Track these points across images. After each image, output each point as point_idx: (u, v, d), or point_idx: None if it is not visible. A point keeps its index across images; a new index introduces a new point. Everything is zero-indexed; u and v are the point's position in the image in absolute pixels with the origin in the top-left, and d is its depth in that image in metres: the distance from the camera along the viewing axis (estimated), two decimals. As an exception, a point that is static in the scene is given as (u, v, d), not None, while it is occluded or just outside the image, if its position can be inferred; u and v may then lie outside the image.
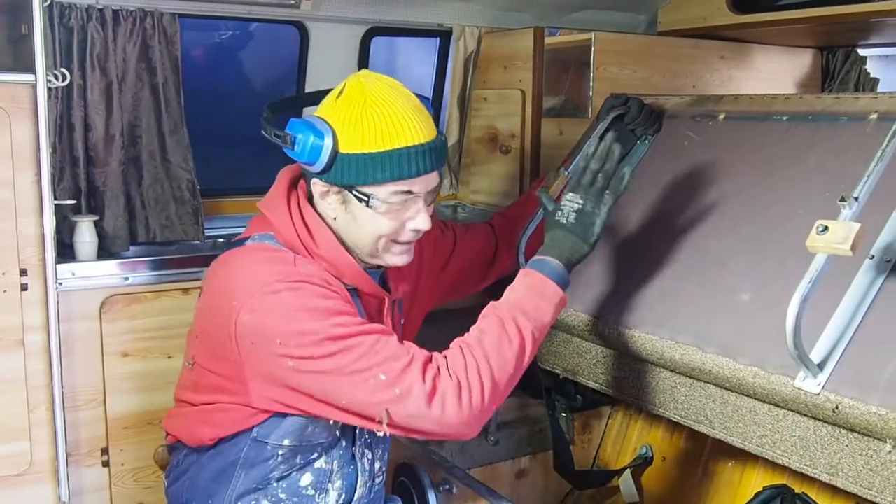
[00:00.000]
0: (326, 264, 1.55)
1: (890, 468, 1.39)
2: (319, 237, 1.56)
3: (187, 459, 1.65)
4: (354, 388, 1.41)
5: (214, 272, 1.59)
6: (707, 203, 1.88)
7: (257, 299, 1.44)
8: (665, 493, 2.32)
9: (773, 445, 1.58)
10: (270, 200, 1.61)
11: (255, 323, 1.43)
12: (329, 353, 1.40)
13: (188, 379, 1.63)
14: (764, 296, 1.62)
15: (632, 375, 1.87)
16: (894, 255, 1.48)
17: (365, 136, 1.47)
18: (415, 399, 1.39)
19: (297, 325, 1.42)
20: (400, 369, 1.41)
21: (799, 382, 1.44)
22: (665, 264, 1.85)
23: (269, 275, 1.47)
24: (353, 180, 1.50)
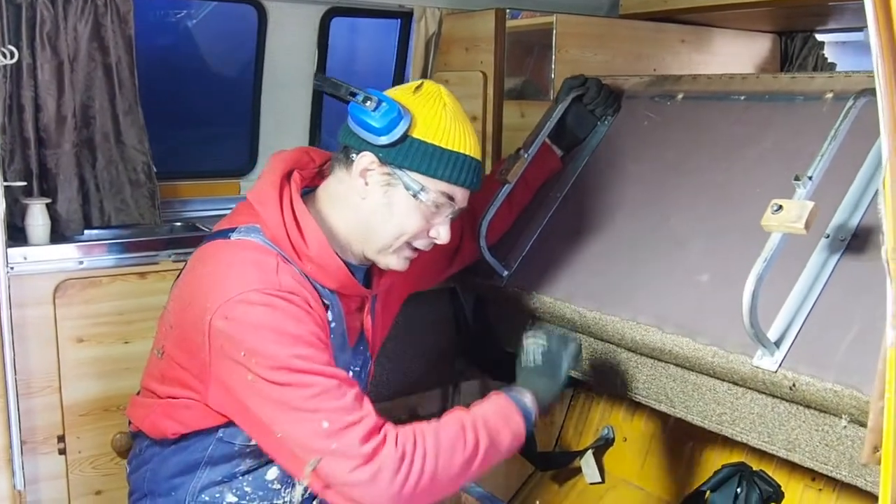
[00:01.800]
0: (312, 266, 1.51)
1: (845, 443, 1.41)
2: (310, 238, 1.51)
3: (149, 450, 1.61)
4: (294, 424, 1.36)
5: (195, 265, 1.53)
6: (666, 183, 1.89)
7: (231, 307, 1.39)
8: (626, 473, 2.33)
9: (732, 423, 1.59)
10: (261, 192, 1.54)
11: (226, 329, 1.39)
12: (281, 381, 1.36)
13: (156, 368, 1.57)
14: (722, 275, 1.63)
15: (593, 357, 1.87)
16: (848, 234, 1.50)
17: (438, 131, 1.50)
18: (348, 461, 1.33)
19: (260, 344, 1.38)
20: (345, 424, 1.35)
21: (757, 361, 1.46)
22: (625, 245, 1.86)
23: (248, 282, 1.41)
24: (416, 166, 1.50)
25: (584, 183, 2.08)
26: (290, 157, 1.60)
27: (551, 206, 2.09)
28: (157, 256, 2.22)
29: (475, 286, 2.18)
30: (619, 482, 2.34)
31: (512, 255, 2.06)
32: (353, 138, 1.52)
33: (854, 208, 1.52)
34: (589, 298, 1.81)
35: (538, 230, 2.07)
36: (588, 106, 2.09)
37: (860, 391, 1.31)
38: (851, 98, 1.51)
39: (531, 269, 2.00)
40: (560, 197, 2.09)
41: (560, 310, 1.86)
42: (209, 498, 1.55)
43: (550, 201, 2.10)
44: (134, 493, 1.64)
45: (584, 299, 1.82)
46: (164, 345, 1.54)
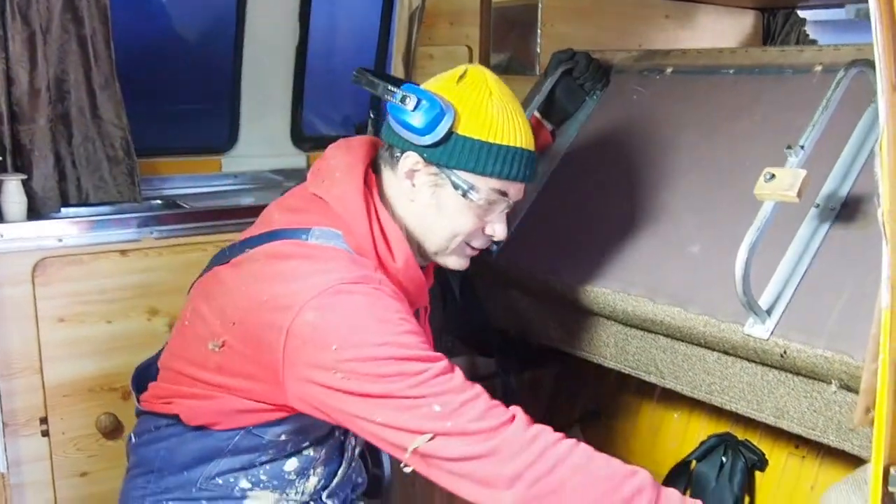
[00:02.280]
0: (395, 280, 1.41)
1: (832, 408, 1.43)
2: (397, 250, 1.43)
3: (169, 429, 1.53)
4: (399, 412, 1.25)
5: (267, 258, 1.40)
6: (656, 156, 1.89)
7: (326, 297, 1.29)
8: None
9: (721, 392, 1.60)
10: (345, 199, 1.43)
11: (316, 321, 1.28)
12: (381, 374, 1.25)
13: (210, 359, 1.44)
14: (714, 246, 1.64)
15: (583, 330, 1.88)
16: (838, 203, 1.51)
17: (485, 124, 1.42)
18: (464, 437, 1.21)
19: (361, 334, 1.27)
20: (459, 403, 1.24)
21: (748, 329, 1.47)
22: (616, 219, 1.85)
23: (346, 273, 1.33)
24: (463, 164, 1.42)
25: (574, 157, 2.07)
26: (365, 155, 1.51)
27: (541, 181, 2.08)
28: (139, 234, 2.18)
29: (463, 261, 2.17)
30: (605, 456, 2.35)
31: (500, 229, 2.05)
32: (396, 138, 1.45)
33: (843, 178, 1.53)
34: (580, 272, 1.81)
35: (528, 205, 2.06)
36: (577, 80, 2.08)
37: (851, 356, 1.32)
38: (842, 69, 1.51)
39: (521, 244, 1.99)
40: (550, 171, 2.09)
41: (551, 284, 1.86)
42: (222, 482, 1.51)
43: (540, 176, 2.09)
44: (139, 465, 1.57)
45: (574, 272, 1.82)
46: (224, 339, 1.40)
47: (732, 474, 1.98)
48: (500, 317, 2.12)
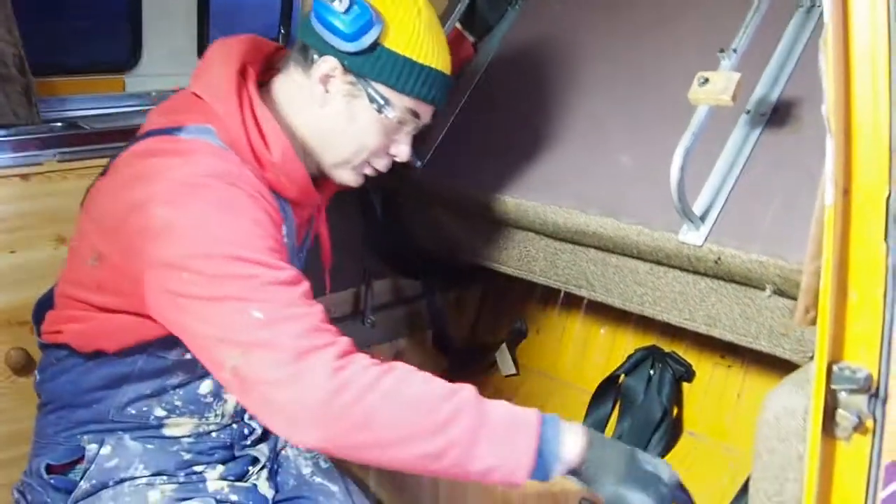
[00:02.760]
0: (272, 174, 1.35)
1: (764, 314, 1.44)
2: (274, 142, 1.35)
3: (70, 360, 1.45)
4: (225, 316, 1.16)
5: (135, 158, 1.33)
6: (582, 66, 1.85)
7: (181, 190, 1.22)
8: (541, 364, 2.36)
9: (653, 303, 1.60)
10: (216, 88, 1.36)
11: (167, 215, 1.21)
12: (226, 273, 1.17)
13: (89, 277, 1.36)
14: (644, 155, 1.62)
15: (511, 246, 1.85)
16: (769, 109, 1.50)
17: (411, 41, 1.37)
18: (275, 353, 1.12)
19: (208, 230, 1.20)
20: (282, 316, 1.15)
21: (682, 236, 1.46)
22: (543, 131, 1.81)
23: (205, 167, 1.25)
24: (384, 78, 1.37)
25: (498, 69, 2.02)
26: (242, 50, 1.42)
27: (464, 94, 2.02)
28: (40, 156, 2.03)
29: (386, 179, 2.09)
30: (533, 373, 2.37)
31: (424, 144, 1.99)
32: (316, 38, 1.37)
33: (774, 83, 1.51)
34: (508, 185, 1.77)
35: (451, 119, 2.00)
36: None
37: (785, 260, 1.32)
38: (772, -28, 1.48)
39: (446, 159, 1.94)
40: (473, 84, 2.03)
41: (478, 198, 1.81)
42: (136, 411, 1.44)
43: (463, 89, 2.03)
44: (48, 402, 1.50)
45: (502, 187, 1.78)
46: (99, 250, 1.33)
47: (660, 386, 2.01)
48: (424, 236, 2.07)
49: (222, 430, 1.53)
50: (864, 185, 0.95)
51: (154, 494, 1.44)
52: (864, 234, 0.96)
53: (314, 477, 1.65)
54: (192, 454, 1.50)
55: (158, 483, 1.46)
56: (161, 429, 1.47)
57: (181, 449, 1.49)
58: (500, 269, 1.90)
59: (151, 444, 1.46)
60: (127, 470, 1.44)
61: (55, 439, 1.48)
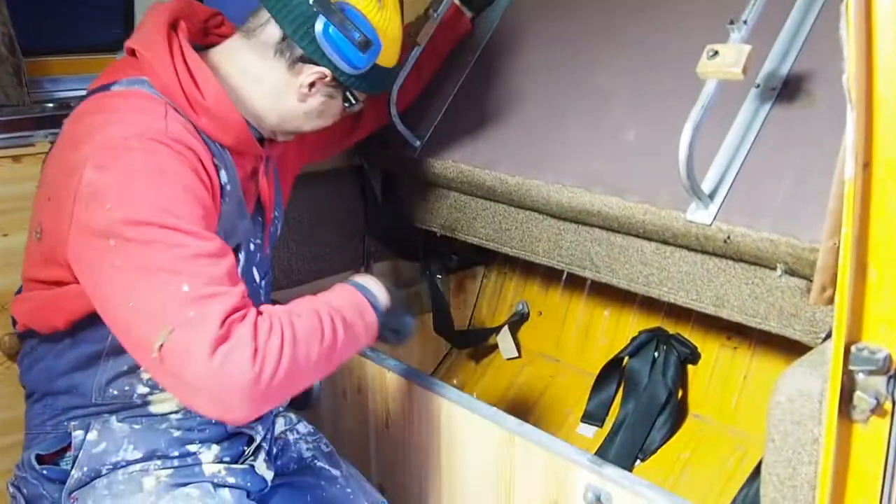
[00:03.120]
0: (207, 119, 1.35)
1: (775, 294, 1.41)
2: (206, 87, 1.35)
3: (42, 347, 1.44)
4: (152, 289, 1.16)
5: (75, 121, 1.34)
6: (586, 41, 1.81)
7: (108, 154, 1.22)
8: (543, 346, 2.33)
9: (659, 283, 1.57)
10: (147, 40, 1.35)
11: (95, 180, 1.20)
12: (147, 239, 1.17)
13: (36, 252, 1.37)
14: (650, 132, 1.58)
15: (514, 226, 1.81)
16: (779, 83, 1.46)
17: (394, 55, 1.50)
18: (201, 335, 1.13)
19: (132, 193, 1.19)
20: (209, 293, 1.16)
21: (690, 215, 1.42)
22: (545, 107, 1.77)
23: (130, 127, 1.25)
24: (365, 87, 1.48)
25: (497, 45, 1.97)
26: (171, 8, 1.42)
27: (463, 71, 1.98)
28: (32, 137, 1.99)
29: (384, 160, 2.07)
30: (535, 356, 2.34)
31: (423, 124, 1.95)
32: (316, 51, 1.40)
33: (784, 56, 1.48)
34: (510, 164, 1.73)
35: (450, 97, 1.96)
36: None
37: (797, 238, 1.29)
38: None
39: (446, 138, 1.89)
40: (472, 61, 1.98)
41: (480, 178, 1.77)
42: (118, 391, 1.40)
43: (461, 66, 1.99)
44: (31, 394, 1.48)
45: (504, 165, 1.74)
46: (41, 221, 1.34)
47: (665, 369, 1.98)
48: (424, 217, 2.03)
49: None
50: (886, 159, 0.91)
51: (149, 481, 1.40)
52: (884, 209, 0.92)
53: (315, 461, 1.63)
54: (182, 431, 1.45)
55: (153, 469, 1.42)
56: (147, 406, 1.43)
57: (170, 426, 1.45)
58: (502, 250, 1.86)
59: (139, 423, 1.42)
60: (116, 453, 1.40)
61: (43, 428, 1.44)
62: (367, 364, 1.73)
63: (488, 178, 1.76)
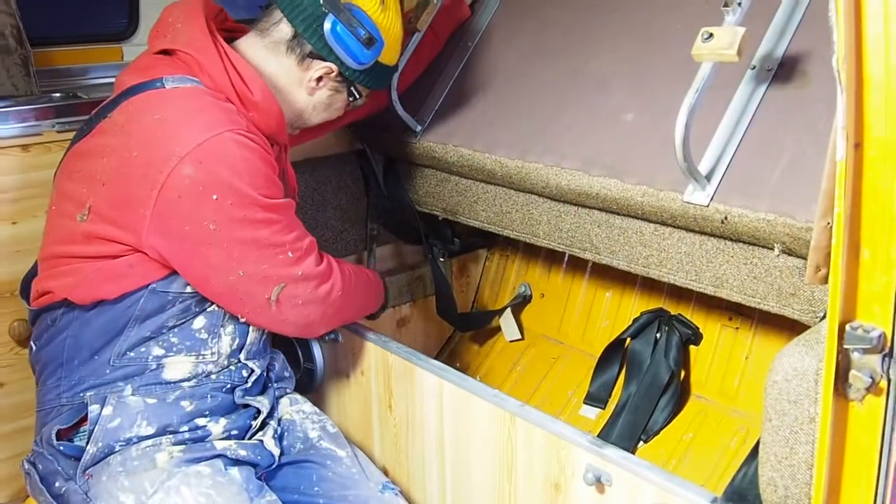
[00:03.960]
0: (255, 113, 1.47)
1: (773, 274, 1.41)
2: (253, 84, 1.47)
3: (66, 317, 1.48)
4: (262, 261, 1.42)
5: (126, 115, 1.41)
6: (583, 25, 1.81)
7: (204, 149, 1.34)
8: (546, 328, 2.34)
9: (659, 264, 1.58)
10: (194, 42, 1.45)
11: (195, 174, 1.33)
12: (256, 219, 1.39)
13: (76, 231, 1.42)
14: (648, 114, 1.58)
15: (514, 209, 1.82)
16: (775, 64, 1.46)
17: (396, 54, 1.64)
18: (311, 282, 1.49)
19: (239, 183, 1.36)
20: (303, 251, 1.47)
21: (688, 196, 1.43)
22: (544, 91, 1.78)
23: (216, 121, 1.37)
24: (369, 83, 1.60)
25: (497, 30, 1.97)
26: (199, 7, 1.52)
27: (463, 57, 1.98)
28: (40, 127, 2.00)
29: (385, 145, 2.08)
30: (538, 338, 2.35)
31: (424, 109, 1.96)
32: (324, 46, 1.52)
33: (779, 38, 1.47)
34: (510, 147, 1.74)
35: (451, 82, 1.96)
36: None
37: (794, 218, 1.30)
38: (777, -79, 1.44)
39: (446, 123, 1.90)
40: (472, 46, 1.99)
41: (480, 161, 1.78)
42: (135, 354, 1.46)
43: (462, 51, 1.99)
44: (46, 366, 1.50)
45: (504, 149, 1.75)
46: (90, 204, 1.39)
47: (667, 349, 1.99)
48: (426, 201, 2.04)
49: (220, 373, 1.54)
50: (877, 139, 0.92)
51: (162, 456, 1.44)
52: (876, 189, 0.93)
53: (321, 441, 1.65)
54: (192, 402, 1.50)
55: (165, 444, 1.46)
56: (160, 370, 1.48)
57: (181, 397, 1.50)
58: (504, 232, 1.88)
59: (152, 396, 1.47)
60: (130, 429, 1.44)
61: (57, 402, 1.48)
62: (370, 346, 1.74)
63: (488, 161, 1.76)
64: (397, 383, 1.70)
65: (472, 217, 1.94)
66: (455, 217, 1.99)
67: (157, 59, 1.47)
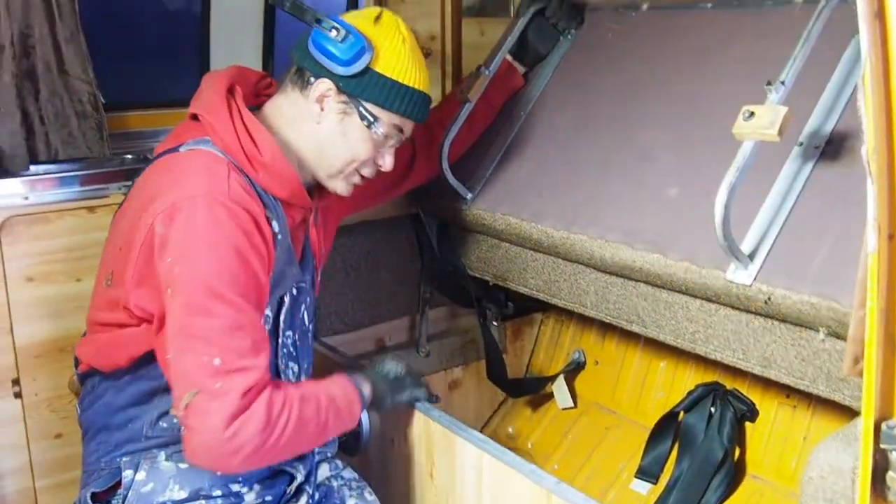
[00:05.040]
0: (264, 174, 1.47)
1: (821, 357, 1.37)
2: (263, 144, 1.48)
3: (102, 385, 1.54)
4: (188, 352, 1.31)
5: (146, 179, 1.48)
6: (632, 97, 1.82)
7: (175, 209, 1.35)
8: (599, 397, 2.31)
9: (706, 341, 1.55)
10: (208, 104, 1.49)
11: (162, 233, 1.35)
12: (194, 303, 1.31)
13: (104, 298, 1.50)
14: (693, 189, 1.57)
15: (562, 278, 1.81)
16: (822, 141, 1.44)
17: (398, 66, 1.52)
18: (224, 405, 1.28)
19: (191, 253, 1.33)
20: (235, 368, 1.30)
21: (730, 275, 1.41)
22: (592, 162, 1.79)
23: (197, 187, 1.38)
24: (374, 98, 1.51)
25: (548, 100, 2.00)
26: (227, 75, 1.56)
27: (514, 126, 2.01)
28: (107, 190, 2.12)
29: (438, 210, 2.11)
30: (591, 406, 2.32)
31: (475, 176, 1.99)
32: (313, 63, 1.51)
33: (828, 114, 1.45)
34: (556, 218, 1.75)
35: (502, 151, 1.99)
36: (550, 20, 2.02)
37: (838, 302, 1.26)
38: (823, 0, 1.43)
39: (496, 191, 1.92)
40: (523, 115, 2.01)
41: (527, 231, 1.79)
42: (167, 424, 1.49)
43: (513, 120, 2.02)
44: (87, 431, 1.57)
45: (551, 219, 1.76)
46: (113, 269, 1.46)
47: (721, 425, 1.94)
48: (478, 266, 2.06)
49: None
50: (910, 231, 0.90)
51: None
52: (910, 281, 0.90)
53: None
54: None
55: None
56: None
57: None
58: (552, 301, 1.87)
59: (185, 461, 1.48)
60: (163, 493, 1.47)
61: (97, 465, 1.53)
62: (414, 414, 1.75)
63: (535, 231, 1.77)
64: (439, 452, 1.70)
65: (522, 284, 1.94)
66: (505, 283, 2.00)
67: (187, 124, 1.53)
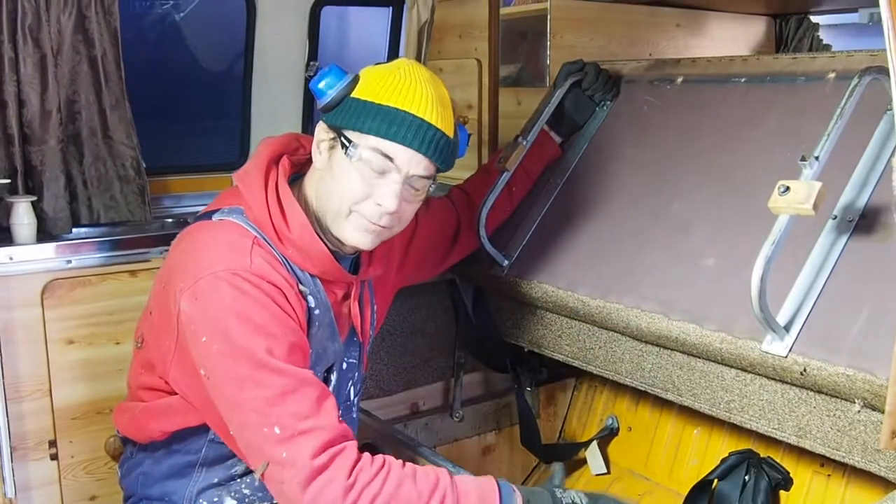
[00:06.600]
0: (294, 250, 1.44)
1: (857, 428, 1.38)
2: (293, 220, 1.45)
3: (140, 454, 1.56)
4: (247, 427, 1.30)
5: (175, 246, 1.49)
6: (668, 168, 1.85)
7: (199, 287, 1.34)
8: (632, 463, 2.30)
9: (741, 410, 1.56)
10: (247, 173, 1.48)
11: (191, 311, 1.34)
12: (238, 376, 1.29)
13: (137, 359, 1.53)
14: (728, 260, 1.60)
15: (597, 346, 1.83)
16: (856, 215, 1.47)
17: (375, 89, 1.42)
18: (295, 472, 1.25)
19: (222, 330, 1.31)
20: (297, 432, 1.27)
21: (766, 346, 1.42)
22: (628, 231, 1.82)
23: (218, 262, 1.35)
24: (350, 123, 1.42)
25: (585, 169, 2.04)
26: (278, 142, 1.55)
27: (551, 194, 2.05)
28: (148, 254, 2.17)
29: (475, 276, 2.14)
30: (624, 473, 2.31)
31: (512, 244, 2.02)
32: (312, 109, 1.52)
33: (861, 188, 1.48)
34: (592, 286, 1.77)
35: (538, 219, 2.03)
36: (587, 91, 2.06)
37: (874, 375, 1.27)
38: (856, 76, 1.47)
39: (532, 259, 1.96)
40: (560, 184, 2.06)
41: (563, 299, 1.82)
42: (207, 502, 1.50)
43: (550, 189, 2.06)
44: (128, 498, 1.59)
45: (587, 287, 1.78)
46: (143, 332, 1.49)
47: (756, 494, 1.92)
48: (512, 332, 2.08)
49: None
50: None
51: None
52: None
53: None
54: None
55: None
56: None
57: None
58: (587, 368, 1.89)
59: None
60: None
61: None
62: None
63: (571, 299, 1.80)
64: None
65: (557, 351, 1.96)
66: (540, 349, 2.02)
67: (231, 190, 1.52)
